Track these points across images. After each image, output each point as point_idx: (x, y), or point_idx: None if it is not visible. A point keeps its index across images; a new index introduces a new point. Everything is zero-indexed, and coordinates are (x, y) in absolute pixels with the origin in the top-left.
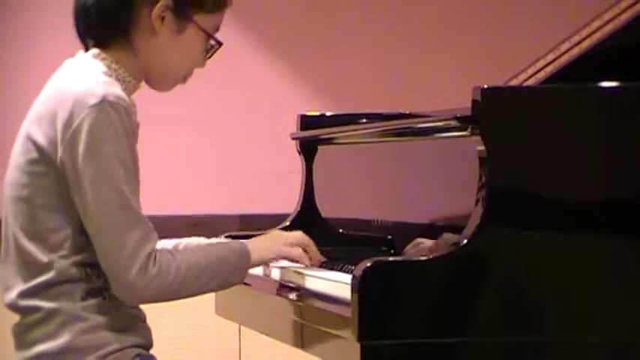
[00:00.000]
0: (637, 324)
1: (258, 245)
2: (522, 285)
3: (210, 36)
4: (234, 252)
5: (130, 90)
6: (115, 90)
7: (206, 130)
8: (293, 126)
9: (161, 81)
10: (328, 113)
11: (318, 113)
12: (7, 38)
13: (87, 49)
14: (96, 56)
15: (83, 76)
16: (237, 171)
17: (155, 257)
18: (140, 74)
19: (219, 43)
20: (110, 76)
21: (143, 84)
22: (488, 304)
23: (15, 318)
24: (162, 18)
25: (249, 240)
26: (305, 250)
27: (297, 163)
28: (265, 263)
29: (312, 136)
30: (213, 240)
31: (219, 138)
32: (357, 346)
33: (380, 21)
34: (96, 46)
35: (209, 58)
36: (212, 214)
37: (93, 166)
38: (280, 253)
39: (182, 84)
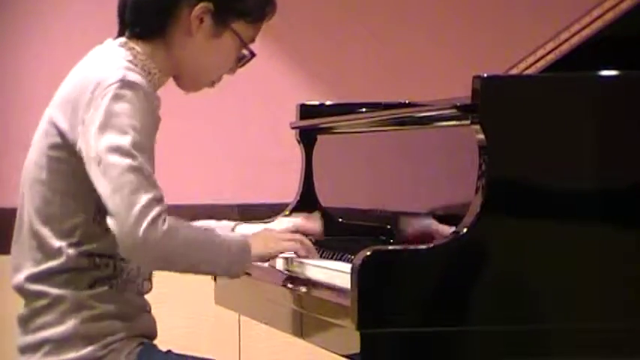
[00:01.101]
0: (634, 310)
1: (257, 240)
2: (521, 274)
3: (245, 45)
4: (237, 244)
5: (154, 83)
6: (135, 75)
7: (205, 120)
8: (292, 115)
9: (190, 82)
10: (328, 102)
11: (317, 103)
12: (18, 32)
13: (120, 35)
14: (123, 45)
15: (106, 62)
16: (236, 160)
17: (165, 218)
18: (169, 70)
19: (253, 54)
20: (136, 65)
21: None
22: (488, 293)
23: (17, 310)
24: (201, 20)
25: (248, 235)
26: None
27: (297, 152)
28: (262, 260)
29: (312, 126)
30: (224, 222)
31: (217, 127)
32: (357, 334)
33: (379, 10)
34: (131, 36)
35: (241, 67)
36: (211, 203)
37: (108, 135)
38: (276, 250)
39: (210, 88)
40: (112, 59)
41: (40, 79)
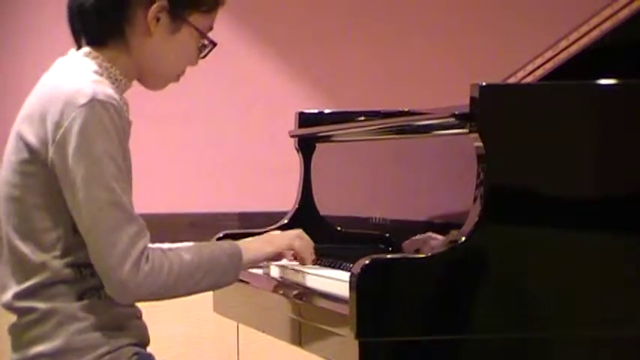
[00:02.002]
0: (636, 318)
1: (250, 246)
2: (520, 282)
3: (204, 36)
4: (226, 252)
5: (121, 89)
6: (105, 89)
7: (204, 129)
8: (291, 123)
9: (155, 80)
10: (326, 111)
11: (316, 111)
12: (1, 37)
13: (79, 47)
14: (87, 55)
15: (73, 75)
16: (235, 169)
17: (148, 255)
18: (133, 73)
19: (213, 43)
20: (101, 74)
21: (135, 82)
22: (486, 302)
23: (12, 318)
24: (158, 19)
25: (242, 241)
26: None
27: (296, 160)
28: (258, 264)
29: (311, 134)
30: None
31: (217, 136)
32: (356, 343)
33: (377, 18)
34: (89, 44)
35: (203, 57)
36: (210, 212)
37: (84, 165)
38: (273, 253)
39: (175, 82)
40: (77, 71)
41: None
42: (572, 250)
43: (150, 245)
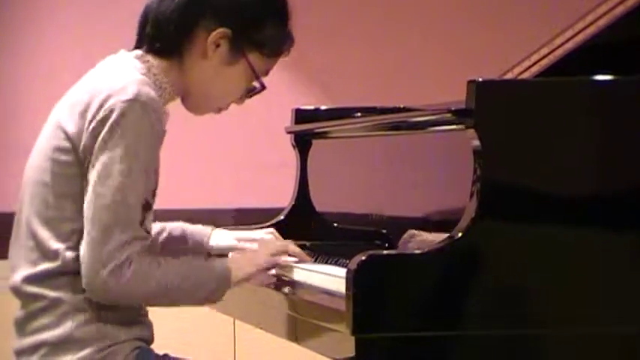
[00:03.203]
0: (632, 314)
1: (241, 262)
2: (516, 278)
3: (257, 77)
4: (215, 274)
5: (165, 98)
6: (149, 90)
7: (200, 125)
8: (287, 120)
9: (197, 104)
10: (323, 107)
11: (312, 107)
12: (13, 36)
13: (136, 48)
14: (139, 57)
15: (121, 72)
16: (231, 165)
17: (131, 263)
18: (179, 90)
19: (263, 87)
20: (149, 78)
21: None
22: (483, 298)
23: (14, 311)
24: (218, 45)
25: (233, 257)
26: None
27: (292, 156)
28: (250, 279)
29: (307, 130)
30: (198, 226)
31: (213, 132)
32: (352, 339)
33: (374, 14)
34: (148, 51)
35: (249, 97)
36: (207, 208)
37: (104, 158)
38: (264, 265)
39: (215, 113)
40: (125, 70)
41: (37, 85)
42: (568, 245)
43: (145, 257)
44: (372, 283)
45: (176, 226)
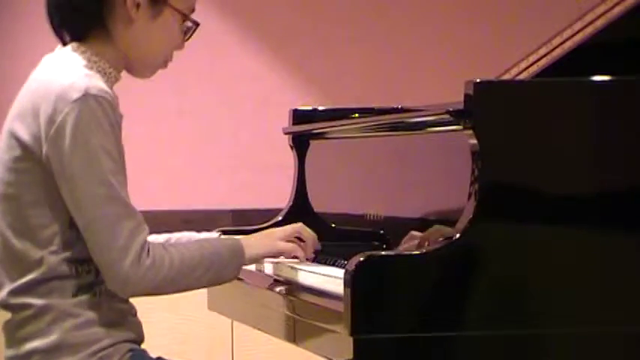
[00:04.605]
0: (631, 314)
1: (252, 242)
2: (515, 278)
3: (186, 17)
4: (228, 248)
5: (111, 82)
6: (98, 83)
7: (198, 125)
8: (285, 120)
9: (142, 68)
10: (320, 108)
11: (310, 108)
12: (13, 36)
13: (64, 44)
14: (75, 50)
15: (64, 70)
16: (229, 166)
17: (148, 249)
18: (120, 64)
19: (196, 24)
20: (91, 69)
21: (124, 74)
22: (481, 298)
23: (6, 315)
24: (138, 5)
25: (243, 237)
26: (300, 239)
27: (290, 157)
28: (260, 260)
29: (305, 131)
30: (204, 234)
31: (210, 133)
32: (350, 340)
33: (372, 14)
34: (72, 39)
35: (188, 39)
36: (204, 209)
37: (79, 160)
38: (274, 249)
39: (163, 68)
40: (68, 67)
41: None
42: (567, 245)
43: (150, 240)
44: (370, 284)
45: (181, 235)
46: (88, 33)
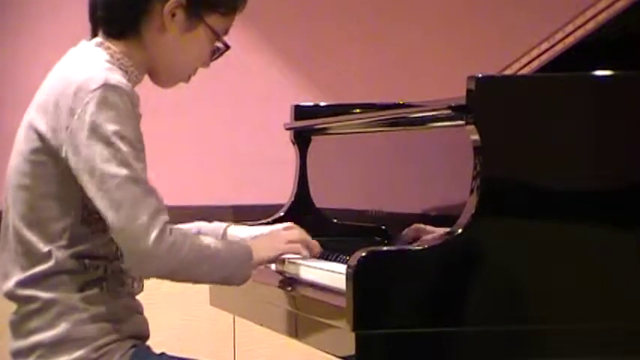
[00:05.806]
0: (632, 311)
1: (259, 245)
2: (516, 273)
3: (219, 38)
4: (240, 248)
5: (132, 81)
6: (117, 75)
7: (199, 121)
8: (286, 116)
9: (166, 77)
10: (322, 103)
11: (311, 103)
12: (9, 28)
13: (93, 37)
14: (99, 45)
15: (85, 63)
16: (230, 162)
17: (171, 229)
18: (145, 68)
19: (227, 47)
20: (113, 64)
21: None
22: (483, 294)
23: (12, 308)
24: (174, 15)
25: (250, 240)
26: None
27: (291, 153)
28: (267, 263)
29: (306, 127)
30: (216, 223)
31: (212, 128)
32: (352, 335)
33: (373, 10)
34: (105, 35)
35: (215, 59)
36: (205, 204)
37: (99, 146)
38: (281, 252)
39: (186, 82)
40: (90, 60)
41: (29, 82)
42: (568, 241)
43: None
44: (372, 279)
45: (191, 226)
46: (123, 31)
